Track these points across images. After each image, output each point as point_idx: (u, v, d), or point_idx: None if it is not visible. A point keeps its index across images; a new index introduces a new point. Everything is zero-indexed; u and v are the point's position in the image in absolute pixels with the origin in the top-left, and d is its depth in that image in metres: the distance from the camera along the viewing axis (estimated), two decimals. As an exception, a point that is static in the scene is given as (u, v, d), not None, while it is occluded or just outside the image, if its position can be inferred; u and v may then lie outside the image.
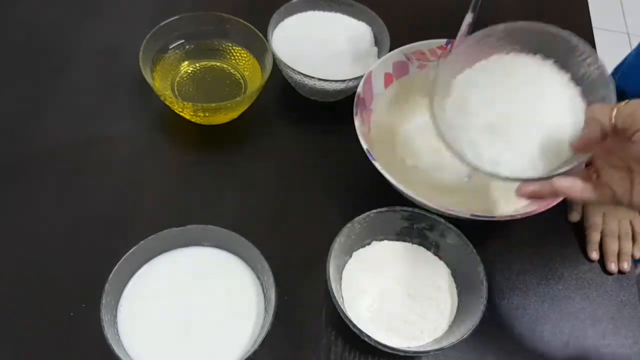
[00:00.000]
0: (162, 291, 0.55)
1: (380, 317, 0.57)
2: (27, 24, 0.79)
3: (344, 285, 0.58)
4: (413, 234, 0.61)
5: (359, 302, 0.57)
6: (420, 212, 0.59)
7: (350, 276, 0.59)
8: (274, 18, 0.72)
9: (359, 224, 0.58)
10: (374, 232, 0.60)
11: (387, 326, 0.56)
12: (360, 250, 0.61)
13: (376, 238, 0.61)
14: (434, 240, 0.60)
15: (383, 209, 0.58)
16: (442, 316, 0.57)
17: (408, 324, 0.56)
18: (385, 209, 0.58)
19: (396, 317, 0.57)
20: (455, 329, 0.55)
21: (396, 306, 0.57)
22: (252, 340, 0.52)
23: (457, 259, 0.59)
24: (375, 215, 0.58)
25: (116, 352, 0.48)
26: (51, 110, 0.70)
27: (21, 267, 0.60)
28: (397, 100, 0.72)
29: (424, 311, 0.57)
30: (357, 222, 0.58)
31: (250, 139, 0.72)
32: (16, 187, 0.57)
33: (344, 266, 0.60)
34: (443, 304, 0.58)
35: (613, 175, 0.46)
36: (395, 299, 0.58)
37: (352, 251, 0.60)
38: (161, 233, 0.55)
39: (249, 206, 0.67)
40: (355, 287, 0.58)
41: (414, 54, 0.72)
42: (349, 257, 0.60)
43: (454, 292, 0.59)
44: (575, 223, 0.69)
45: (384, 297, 0.58)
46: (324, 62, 0.72)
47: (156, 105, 0.68)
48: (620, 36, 1.97)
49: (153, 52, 0.70)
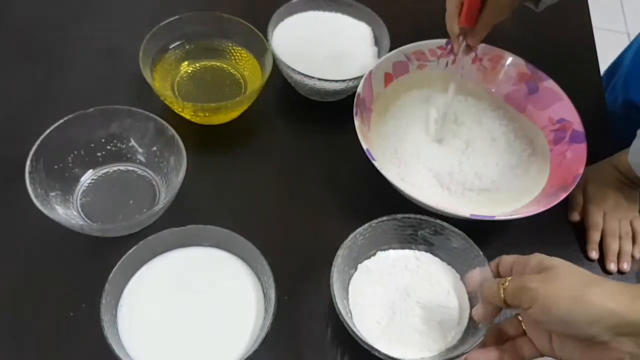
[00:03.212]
0: (162, 291, 0.55)
1: (391, 329, 0.55)
2: (27, 24, 0.79)
3: (352, 301, 0.57)
4: (418, 241, 0.60)
5: (368, 317, 0.56)
6: (423, 217, 0.58)
7: (357, 290, 0.58)
8: (274, 18, 0.72)
9: (362, 235, 0.57)
10: (378, 242, 0.59)
11: (399, 338, 0.55)
12: (365, 262, 0.59)
13: (380, 248, 0.60)
14: (439, 245, 0.59)
15: (384, 218, 0.57)
16: (455, 322, 0.56)
17: (421, 335, 0.55)
18: (387, 218, 0.57)
19: (408, 329, 0.55)
20: (469, 334, 0.54)
21: (407, 317, 0.56)
22: (252, 340, 0.52)
23: (463, 262, 0.58)
24: (377, 225, 0.57)
25: (116, 352, 0.48)
26: (51, 110, 0.70)
27: (21, 267, 0.60)
28: (397, 99, 0.73)
29: (436, 320, 0.56)
30: (359, 234, 0.56)
31: (250, 139, 0.72)
32: (16, 187, 0.57)
33: (350, 280, 0.58)
34: (454, 310, 0.57)
35: (533, 331, 0.49)
36: (405, 309, 0.56)
37: (357, 263, 0.59)
38: (161, 233, 0.55)
39: (249, 206, 0.67)
40: (363, 301, 0.57)
41: (414, 54, 0.72)
42: (354, 270, 0.59)
43: (464, 296, 0.57)
44: (575, 223, 0.69)
45: (394, 309, 0.56)
46: (324, 62, 0.72)
47: (156, 105, 0.68)
48: (620, 36, 1.97)
49: (153, 52, 0.70)
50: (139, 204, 0.63)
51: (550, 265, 0.46)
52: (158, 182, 0.65)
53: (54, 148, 0.60)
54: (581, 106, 0.69)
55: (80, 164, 0.64)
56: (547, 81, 0.71)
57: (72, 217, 0.61)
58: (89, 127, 0.62)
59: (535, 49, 0.78)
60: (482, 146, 0.69)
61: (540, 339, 0.47)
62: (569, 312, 0.42)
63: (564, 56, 0.85)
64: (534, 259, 0.48)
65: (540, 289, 0.44)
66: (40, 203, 0.55)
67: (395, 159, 0.67)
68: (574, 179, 0.63)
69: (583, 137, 0.66)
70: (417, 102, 0.72)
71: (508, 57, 0.73)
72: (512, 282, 0.46)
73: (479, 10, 0.61)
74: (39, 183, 0.58)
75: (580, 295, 0.42)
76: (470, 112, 0.72)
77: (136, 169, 0.66)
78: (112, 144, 0.65)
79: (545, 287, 0.44)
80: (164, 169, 0.64)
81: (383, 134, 0.69)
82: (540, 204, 0.62)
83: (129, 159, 0.66)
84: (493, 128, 0.71)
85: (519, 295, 0.45)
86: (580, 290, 0.42)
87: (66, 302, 0.58)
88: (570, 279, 0.44)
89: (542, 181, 0.67)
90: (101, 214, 0.63)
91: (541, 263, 0.47)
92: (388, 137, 0.69)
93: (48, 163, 0.60)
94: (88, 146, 0.64)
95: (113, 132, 0.64)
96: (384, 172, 0.61)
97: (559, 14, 0.89)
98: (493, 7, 0.62)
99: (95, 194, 0.64)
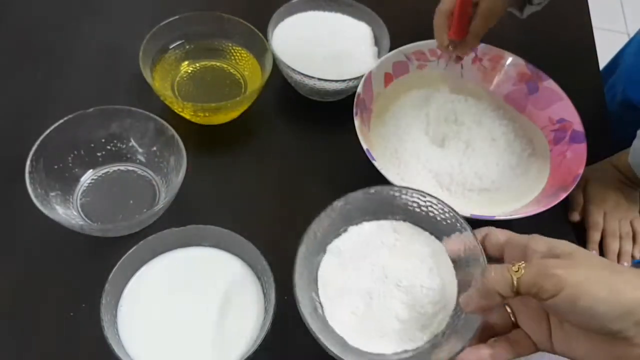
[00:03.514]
0: (162, 291, 0.55)
1: (368, 319, 0.49)
2: (27, 23, 0.79)
3: (321, 292, 0.51)
4: (396, 210, 0.52)
5: (341, 308, 0.50)
6: (398, 187, 0.51)
7: (326, 278, 0.51)
8: (274, 18, 0.72)
9: (328, 216, 0.50)
10: (350, 217, 0.52)
11: (378, 329, 0.48)
12: (335, 242, 0.53)
13: (352, 223, 0.53)
14: (420, 217, 0.52)
15: (354, 193, 0.50)
16: (441, 306, 0.48)
17: (402, 323, 0.48)
18: (357, 192, 0.50)
19: (387, 317, 0.48)
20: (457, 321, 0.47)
21: (386, 302, 0.49)
22: (252, 340, 0.52)
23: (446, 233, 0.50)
24: (345, 204, 0.50)
25: (116, 352, 0.48)
26: (51, 110, 0.70)
27: (21, 267, 0.60)
28: (397, 99, 0.73)
29: (419, 304, 0.48)
30: (325, 215, 0.50)
31: (250, 139, 0.72)
32: (16, 187, 0.57)
33: (318, 266, 0.52)
34: (439, 291, 0.49)
35: (529, 322, 0.44)
36: (384, 293, 0.49)
37: (325, 245, 0.52)
38: (161, 233, 0.55)
39: (249, 206, 0.66)
40: (334, 289, 0.50)
41: (414, 54, 0.72)
42: (323, 253, 0.52)
43: (450, 272, 0.49)
44: (575, 223, 0.69)
45: (371, 294, 0.49)
46: (324, 62, 0.72)
47: (156, 105, 0.68)
48: (620, 36, 1.97)
49: (153, 52, 0.70)
50: (139, 204, 0.64)
51: (570, 251, 0.41)
52: (158, 182, 0.65)
53: (54, 148, 0.60)
54: (581, 106, 0.69)
55: (80, 164, 0.64)
56: (547, 81, 0.71)
57: (72, 217, 0.61)
58: (89, 127, 0.62)
59: (535, 49, 0.78)
60: (482, 146, 0.69)
61: (539, 332, 0.43)
62: (602, 302, 0.36)
63: (564, 56, 0.85)
64: (540, 244, 0.43)
65: (568, 276, 0.37)
66: (40, 203, 0.55)
67: (395, 159, 0.67)
68: (574, 179, 0.63)
69: (583, 137, 0.66)
70: (417, 102, 0.72)
71: (508, 57, 0.73)
72: (530, 268, 0.39)
73: (469, 19, 0.62)
74: (39, 183, 0.58)
75: (613, 283, 0.37)
76: (470, 112, 0.72)
77: (136, 169, 0.66)
78: (112, 144, 0.65)
79: (574, 273, 0.38)
80: (164, 169, 0.64)
81: (383, 134, 0.69)
82: (540, 204, 0.62)
83: (129, 159, 0.66)
84: (493, 128, 0.71)
85: (540, 283, 0.38)
86: (610, 278, 0.37)
87: (66, 302, 0.58)
88: (596, 265, 0.39)
89: (542, 181, 0.67)
90: (101, 214, 0.63)
91: (555, 249, 0.42)
92: (388, 137, 0.69)
93: (48, 163, 0.60)
94: (88, 146, 0.64)
95: (113, 132, 0.64)
96: (384, 172, 0.61)
97: (559, 14, 0.89)
98: (483, 18, 0.62)
99: (95, 194, 0.64)
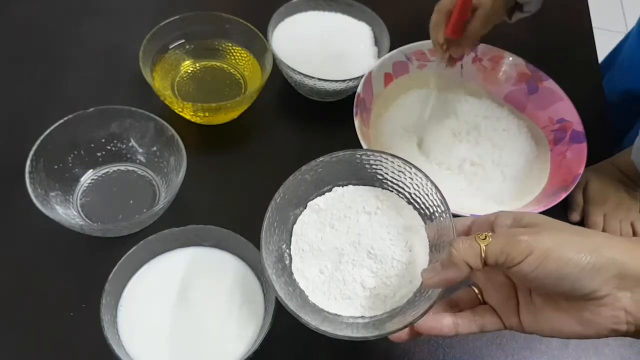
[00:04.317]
0: (162, 291, 0.55)
1: (333, 281, 0.48)
2: (27, 24, 0.79)
3: (294, 245, 0.50)
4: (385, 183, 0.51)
5: (310, 264, 0.49)
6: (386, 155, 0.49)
7: (300, 232, 0.50)
8: (274, 18, 0.72)
9: (313, 171, 0.49)
10: (336, 177, 0.51)
11: (342, 291, 0.48)
12: (317, 199, 0.51)
13: (338, 183, 0.52)
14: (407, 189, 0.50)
15: (342, 152, 0.49)
16: (407, 280, 0.47)
17: (365, 290, 0.48)
18: (343, 153, 0.49)
19: (352, 282, 0.48)
20: (420, 297, 0.45)
21: (354, 268, 0.48)
22: (252, 340, 0.52)
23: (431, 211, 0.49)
24: (333, 161, 0.48)
25: (116, 352, 0.48)
26: (50, 110, 0.70)
27: (21, 267, 0.60)
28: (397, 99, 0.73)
29: (386, 275, 0.47)
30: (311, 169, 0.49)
31: (250, 139, 0.72)
32: (16, 187, 0.57)
33: (296, 220, 0.51)
34: (409, 265, 0.47)
35: (497, 298, 0.43)
36: (353, 259, 0.48)
37: (306, 200, 0.51)
38: (161, 233, 0.55)
39: (249, 206, 0.66)
40: (306, 245, 0.50)
41: (414, 54, 0.72)
42: (303, 207, 0.51)
43: (424, 250, 0.48)
44: (575, 223, 0.69)
45: (342, 257, 0.49)
46: (324, 62, 0.72)
47: (156, 105, 0.68)
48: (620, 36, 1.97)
49: (153, 52, 0.70)
50: (139, 204, 0.64)
51: (536, 221, 0.40)
52: (158, 182, 0.65)
53: (54, 148, 0.60)
54: (581, 106, 0.69)
55: (80, 164, 0.64)
56: (547, 81, 0.71)
57: (72, 217, 0.61)
58: (89, 127, 0.62)
59: (535, 49, 0.78)
60: (482, 146, 0.69)
61: (507, 309, 0.42)
62: (572, 262, 0.36)
63: (564, 56, 0.85)
64: (506, 216, 0.42)
65: (535, 242, 0.37)
66: (40, 203, 0.55)
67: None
68: (574, 179, 0.63)
69: (583, 137, 0.66)
70: (417, 102, 0.72)
71: (508, 57, 0.73)
72: (497, 236, 0.38)
73: (466, 22, 0.62)
74: (39, 183, 0.58)
75: (583, 244, 0.37)
76: (470, 112, 0.72)
77: (136, 169, 0.66)
78: (112, 144, 0.65)
79: (542, 239, 0.37)
80: (164, 169, 0.64)
81: (383, 134, 0.69)
82: (540, 204, 0.62)
83: (129, 159, 0.66)
84: (493, 128, 0.70)
85: (508, 250, 0.37)
86: (580, 241, 0.37)
87: (66, 302, 0.58)
88: (565, 230, 0.39)
89: (542, 181, 0.67)
90: (101, 214, 0.63)
91: (520, 220, 0.41)
92: (388, 137, 0.69)
93: (48, 163, 0.60)
94: (88, 146, 0.64)
95: (113, 132, 0.64)
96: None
97: (559, 14, 0.89)
98: (481, 20, 0.62)
99: (95, 194, 0.64)
